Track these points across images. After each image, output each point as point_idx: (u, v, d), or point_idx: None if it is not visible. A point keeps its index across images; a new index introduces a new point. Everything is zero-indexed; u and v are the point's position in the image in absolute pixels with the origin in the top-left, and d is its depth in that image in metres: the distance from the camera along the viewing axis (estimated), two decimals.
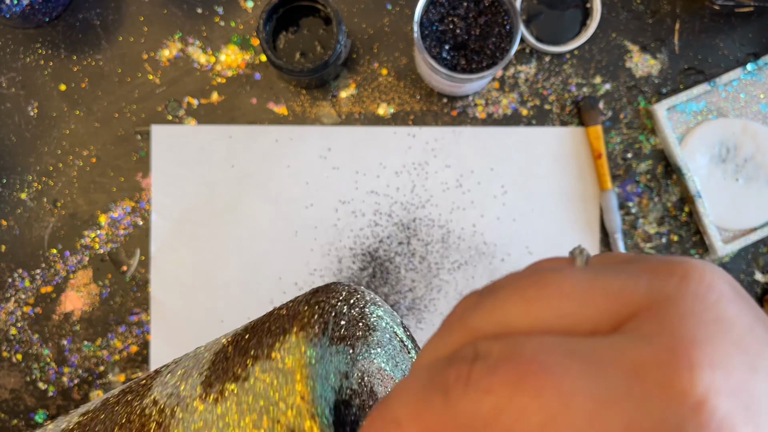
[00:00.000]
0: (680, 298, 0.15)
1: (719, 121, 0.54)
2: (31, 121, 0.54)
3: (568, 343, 0.15)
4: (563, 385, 0.14)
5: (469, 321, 0.17)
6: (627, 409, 0.14)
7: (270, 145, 0.54)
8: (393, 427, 0.16)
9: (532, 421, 0.14)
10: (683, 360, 0.14)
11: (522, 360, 0.15)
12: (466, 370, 0.15)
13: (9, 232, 0.54)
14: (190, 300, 0.54)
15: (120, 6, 0.54)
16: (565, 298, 0.16)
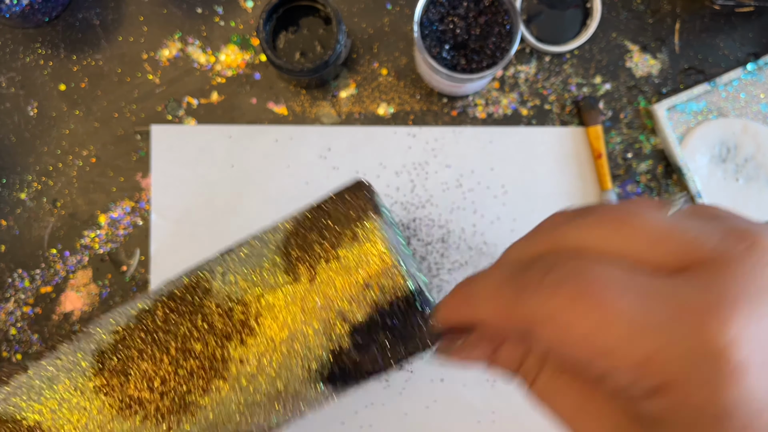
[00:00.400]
0: (741, 262, 0.17)
1: (719, 121, 0.54)
2: (30, 120, 0.54)
3: (630, 274, 0.18)
4: (612, 308, 0.17)
5: (555, 234, 0.20)
6: (659, 339, 0.17)
7: (270, 145, 0.54)
8: (471, 301, 0.22)
9: (577, 331, 0.18)
10: (722, 312, 0.16)
11: (586, 280, 0.18)
12: (540, 276, 0.19)
13: (8, 232, 0.54)
14: None
15: (119, 6, 0.54)
16: (643, 237, 0.19)
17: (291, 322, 0.33)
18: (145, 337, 0.35)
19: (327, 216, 0.35)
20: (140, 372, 0.35)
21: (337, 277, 0.33)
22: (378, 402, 0.54)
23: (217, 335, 0.34)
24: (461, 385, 0.54)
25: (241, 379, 0.34)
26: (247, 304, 0.34)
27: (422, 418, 0.54)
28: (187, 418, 0.34)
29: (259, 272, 0.35)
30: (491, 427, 0.54)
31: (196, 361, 0.34)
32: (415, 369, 0.54)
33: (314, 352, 0.34)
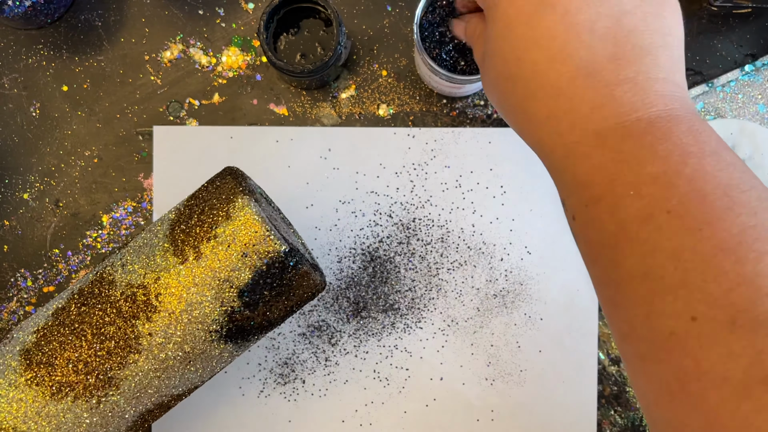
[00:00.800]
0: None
1: (717, 121, 0.54)
2: (33, 121, 0.54)
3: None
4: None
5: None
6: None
7: (271, 145, 0.54)
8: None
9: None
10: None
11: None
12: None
13: (11, 232, 0.54)
14: None
15: (122, 7, 0.55)
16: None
17: (186, 295, 0.40)
18: (63, 330, 0.41)
19: (203, 202, 0.41)
20: (64, 360, 0.40)
21: (219, 251, 0.40)
22: (377, 400, 0.54)
23: (125, 317, 0.40)
24: (460, 383, 0.54)
25: (153, 350, 0.40)
26: (147, 287, 0.40)
27: (421, 416, 0.54)
28: (113, 390, 0.41)
29: (153, 258, 0.41)
30: (490, 426, 0.54)
31: (111, 342, 0.40)
32: (415, 368, 0.54)
33: (211, 316, 0.40)
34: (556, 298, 0.54)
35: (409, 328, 0.54)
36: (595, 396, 0.54)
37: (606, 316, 0.31)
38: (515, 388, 0.54)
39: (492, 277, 0.54)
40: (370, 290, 0.54)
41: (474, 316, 0.54)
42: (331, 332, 0.54)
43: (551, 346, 0.54)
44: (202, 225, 0.40)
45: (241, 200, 0.40)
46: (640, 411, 0.54)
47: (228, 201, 0.40)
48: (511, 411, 0.54)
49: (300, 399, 0.54)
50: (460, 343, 0.54)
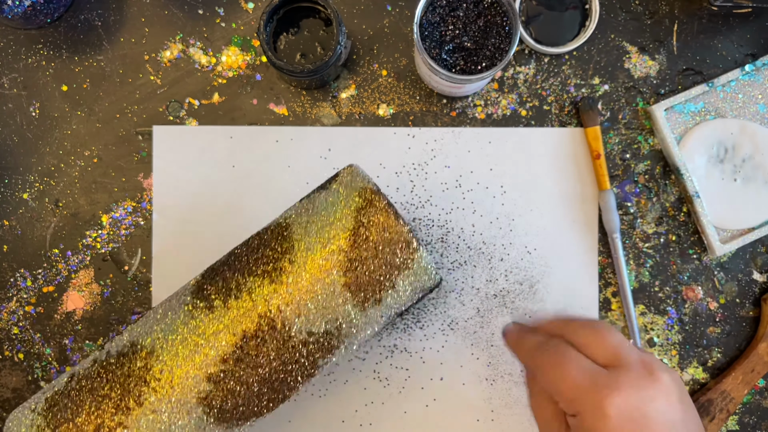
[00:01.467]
0: (630, 371, 0.38)
1: (717, 121, 0.54)
2: (32, 121, 0.54)
3: (585, 360, 0.39)
4: (569, 373, 0.39)
5: (564, 329, 0.42)
6: (582, 394, 0.38)
7: (271, 145, 0.54)
8: (517, 347, 0.45)
9: (551, 376, 0.39)
10: (611, 393, 0.37)
11: (564, 356, 0.40)
12: (547, 349, 0.41)
13: (11, 232, 0.54)
14: None
15: (121, 7, 0.55)
16: (602, 346, 0.39)
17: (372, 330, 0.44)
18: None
19: (374, 248, 0.42)
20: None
21: (395, 298, 0.43)
22: (378, 401, 0.54)
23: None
24: (460, 383, 0.54)
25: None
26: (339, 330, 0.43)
27: (422, 416, 0.54)
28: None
29: (341, 314, 0.42)
30: (490, 426, 0.54)
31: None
32: (415, 368, 0.54)
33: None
34: (556, 298, 0.54)
35: (409, 328, 0.54)
36: None
37: None
38: (515, 388, 0.54)
39: (492, 277, 0.54)
40: None
41: (474, 316, 0.54)
42: None
43: None
44: (380, 275, 0.41)
45: (418, 252, 0.41)
46: None
47: (405, 246, 0.41)
48: (511, 411, 0.54)
49: (300, 399, 0.54)
50: (460, 343, 0.54)
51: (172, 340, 0.43)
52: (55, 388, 0.44)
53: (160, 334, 0.43)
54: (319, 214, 0.43)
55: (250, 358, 0.41)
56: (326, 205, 0.43)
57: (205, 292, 0.43)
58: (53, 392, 0.44)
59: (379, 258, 0.41)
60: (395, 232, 0.41)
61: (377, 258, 0.41)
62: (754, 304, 0.55)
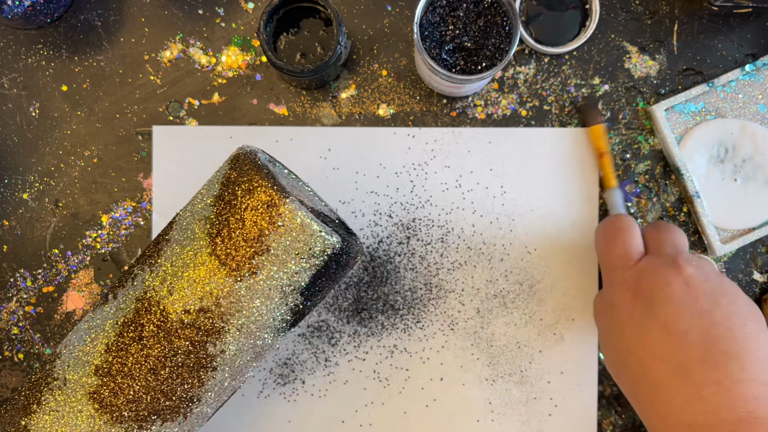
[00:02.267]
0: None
1: (717, 121, 0.54)
2: (32, 121, 0.54)
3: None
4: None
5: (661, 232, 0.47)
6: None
7: (270, 145, 0.54)
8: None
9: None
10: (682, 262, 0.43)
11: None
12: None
13: (11, 232, 0.54)
14: None
15: (121, 7, 0.55)
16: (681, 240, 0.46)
17: (251, 308, 0.40)
18: (131, 370, 0.41)
19: (238, 210, 0.39)
20: (140, 394, 0.41)
21: (276, 262, 0.39)
22: (378, 401, 0.54)
23: (195, 344, 0.41)
24: (461, 384, 0.54)
25: (227, 363, 0.42)
26: (208, 310, 0.40)
27: (422, 416, 0.54)
28: (195, 404, 0.42)
29: (203, 279, 0.40)
30: (490, 426, 0.54)
31: (185, 370, 0.41)
32: (415, 368, 0.54)
33: (277, 318, 0.41)
34: (556, 298, 0.54)
35: (409, 329, 0.54)
36: (596, 396, 0.54)
37: None
38: (515, 388, 0.54)
39: (492, 277, 0.54)
40: (370, 290, 0.54)
41: (474, 316, 0.54)
42: (331, 332, 0.54)
43: (551, 346, 0.54)
44: (247, 238, 0.39)
45: (285, 206, 0.38)
46: None
47: (269, 206, 0.39)
48: (511, 411, 0.54)
49: (300, 399, 0.54)
50: (461, 344, 0.54)
51: (74, 341, 0.43)
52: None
53: (71, 338, 0.44)
54: (200, 192, 0.43)
55: (133, 346, 0.40)
56: (207, 183, 0.43)
57: (110, 292, 0.44)
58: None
59: (244, 220, 0.39)
60: (261, 191, 0.39)
61: (241, 220, 0.39)
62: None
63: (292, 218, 0.38)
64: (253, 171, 0.40)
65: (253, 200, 0.39)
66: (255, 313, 0.40)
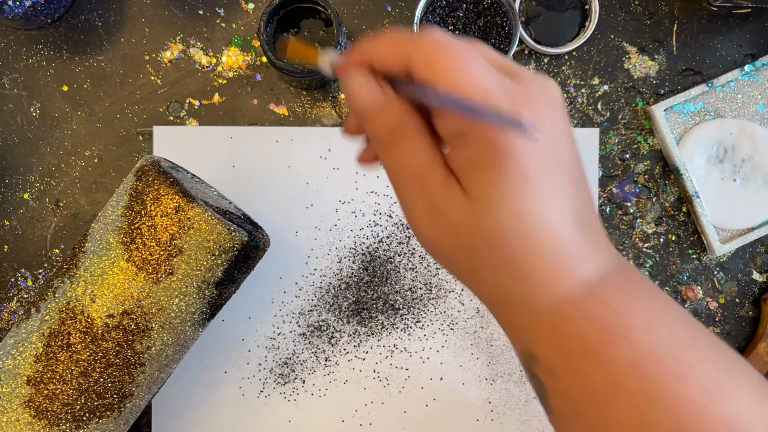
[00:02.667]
0: (533, 83, 0.29)
1: (717, 121, 0.54)
2: (33, 121, 0.55)
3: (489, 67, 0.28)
4: (476, 71, 0.27)
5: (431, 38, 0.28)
6: (497, 100, 0.27)
7: (271, 145, 0.54)
8: (370, 47, 0.29)
9: (449, 68, 0.27)
10: (527, 106, 0.28)
11: (465, 50, 0.27)
12: (430, 35, 0.28)
13: (11, 232, 0.54)
14: None
15: (122, 7, 0.55)
16: (495, 58, 0.29)
17: (171, 306, 0.43)
18: (62, 374, 0.43)
19: (147, 217, 0.42)
20: (73, 396, 0.43)
21: (189, 262, 0.42)
22: (377, 400, 0.54)
23: (122, 345, 0.43)
24: (460, 383, 0.54)
25: (154, 357, 0.44)
26: (131, 313, 0.42)
27: (421, 416, 0.54)
28: (129, 399, 0.45)
29: (122, 284, 0.42)
30: (490, 426, 0.54)
31: (115, 370, 0.43)
32: (415, 368, 0.54)
33: (196, 311, 0.44)
34: None
35: (409, 328, 0.54)
36: None
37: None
38: (515, 387, 0.54)
39: None
40: (370, 290, 0.54)
41: (474, 316, 0.54)
42: (331, 332, 0.54)
43: None
44: (160, 243, 0.42)
45: (192, 210, 0.41)
46: None
47: (178, 211, 0.42)
48: (511, 411, 0.54)
49: (300, 399, 0.54)
50: (460, 343, 0.54)
51: (2, 357, 0.45)
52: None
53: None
54: (109, 204, 0.45)
55: (62, 354, 0.42)
56: (116, 195, 0.45)
57: (32, 306, 0.45)
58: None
59: (155, 226, 0.41)
60: (168, 199, 0.42)
61: (152, 227, 0.41)
62: (754, 304, 0.55)
63: (200, 220, 0.41)
64: (159, 180, 0.42)
65: (162, 207, 0.42)
66: (175, 309, 0.43)
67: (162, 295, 0.42)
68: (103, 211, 0.45)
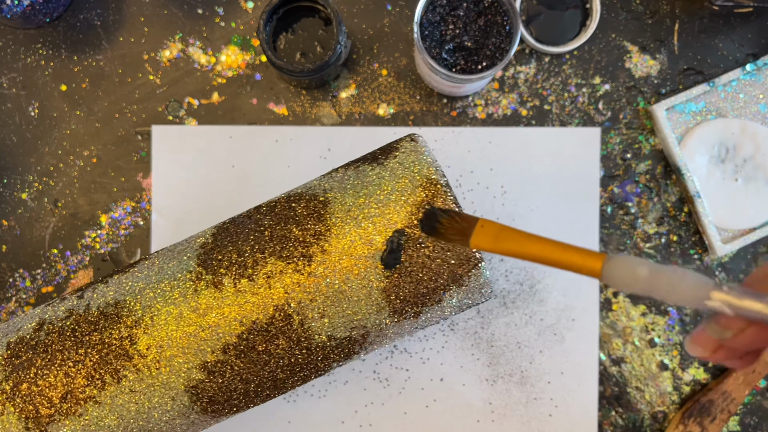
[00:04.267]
0: None
1: (718, 121, 0.54)
2: (31, 121, 0.54)
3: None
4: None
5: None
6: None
7: (270, 145, 0.54)
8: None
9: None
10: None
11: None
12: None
13: (10, 232, 0.54)
14: None
15: (120, 6, 0.54)
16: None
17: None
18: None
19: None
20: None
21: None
22: (378, 401, 0.54)
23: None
24: (461, 384, 0.54)
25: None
26: (366, 329, 0.38)
27: (422, 417, 0.54)
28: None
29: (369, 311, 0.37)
30: (490, 426, 0.54)
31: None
32: (415, 369, 0.54)
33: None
34: (556, 298, 0.54)
35: None
36: (596, 396, 0.54)
37: None
38: (515, 388, 0.54)
39: (492, 277, 0.54)
40: None
41: (474, 316, 0.54)
42: None
43: (551, 347, 0.54)
44: (426, 292, 0.37)
45: (476, 264, 0.37)
46: (641, 412, 0.54)
47: (462, 260, 0.37)
48: (511, 411, 0.54)
49: (300, 399, 0.54)
50: (461, 344, 0.54)
51: (166, 313, 0.37)
52: (19, 332, 0.39)
53: (152, 300, 0.37)
54: (368, 197, 0.37)
55: (255, 354, 0.36)
56: (378, 187, 0.37)
57: (213, 263, 0.37)
58: (17, 338, 0.38)
59: (431, 268, 0.36)
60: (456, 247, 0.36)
61: (428, 267, 0.36)
62: None
63: (477, 278, 0.37)
64: (453, 212, 0.36)
65: (446, 246, 0.36)
66: (388, 345, 0.41)
67: (391, 332, 0.39)
68: (352, 199, 0.38)
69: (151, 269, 0.39)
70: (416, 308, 0.37)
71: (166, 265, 0.39)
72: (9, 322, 0.41)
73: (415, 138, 0.38)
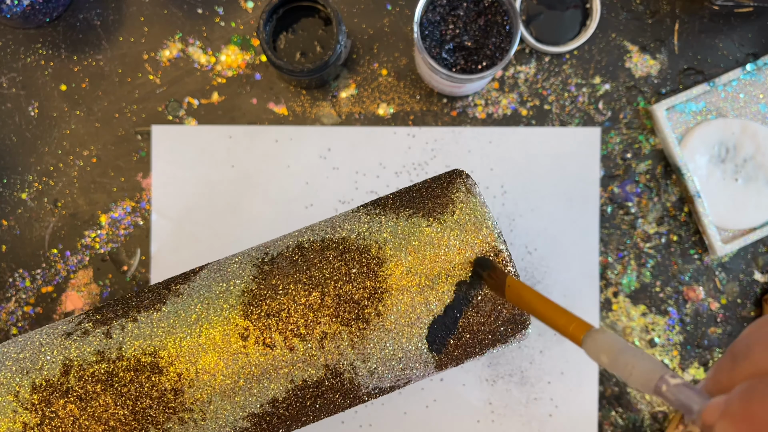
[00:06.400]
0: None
1: (718, 121, 0.54)
2: (31, 121, 0.54)
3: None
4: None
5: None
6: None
7: (270, 145, 0.54)
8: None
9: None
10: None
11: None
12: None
13: (9, 232, 0.54)
14: None
15: (120, 6, 0.54)
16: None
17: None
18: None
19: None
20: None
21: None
22: (377, 401, 0.54)
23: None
24: (461, 384, 0.54)
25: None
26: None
27: (422, 417, 0.54)
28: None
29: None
30: (490, 427, 0.54)
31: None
32: None
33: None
34: (556, 299, 0.54)
35: None
36: (596, 396, 0.54)
37: None
38: (515, 388, 0.54)
39: None
40: None
41: None
42: None
43: (552, 347, 0.54)
44: (474, 350, 0.37)
45: (524, 328, 0.38)
46: (641, 412, 0.54)
47: (512, 325, 0.37)
48: (511, 412, 0.54)
49: None
50: None
51: (213, 364, 0.35)
52: (44, 374, 0.36)
53: (194, 350, 0.35)
54: (423, 256, 0.35)
55: (302, 407, 0.36)
56: (438, 248, 0.35)
57: (261, 318, 0.35)
58: (42, 380, 0.36)
59: (481, 331, 0.36)
60: (510, 307, 0.35)
61: (478, 332, 0.36)
62: (756, 305, 0.55)
63: (521, 339, 0.38)
64: (512, 281, 0.34)
65: (498, 311, 0.36)
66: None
67: (426, 374, 0.39)
68: (411, 256, 0.36)
69: (188, 312, 0.36)
70: (460, 361, 0.37)
71: (205, 312, 0.36)
72: (19, 343, 0.38)
73: (470, 189, 0.37)
